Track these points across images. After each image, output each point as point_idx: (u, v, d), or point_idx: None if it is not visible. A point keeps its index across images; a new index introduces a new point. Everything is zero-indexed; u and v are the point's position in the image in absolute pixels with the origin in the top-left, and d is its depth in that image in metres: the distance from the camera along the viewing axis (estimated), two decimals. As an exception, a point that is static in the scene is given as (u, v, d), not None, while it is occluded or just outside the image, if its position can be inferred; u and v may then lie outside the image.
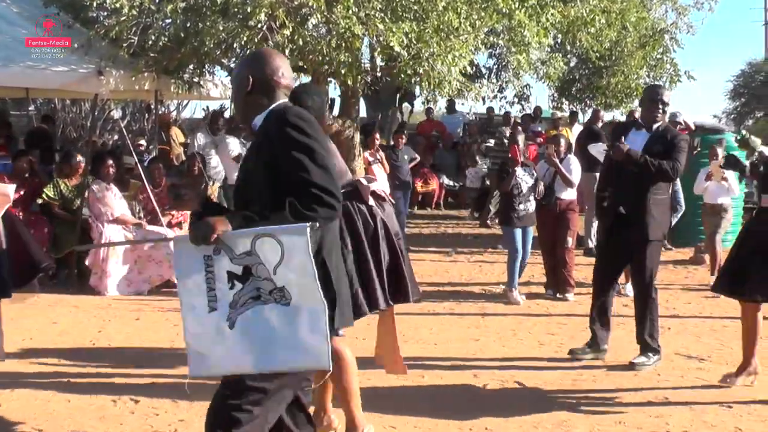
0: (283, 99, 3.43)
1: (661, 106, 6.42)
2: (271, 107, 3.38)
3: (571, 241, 8.97)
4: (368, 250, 4.47)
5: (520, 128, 12.56)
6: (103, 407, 5.38)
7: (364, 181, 4.65)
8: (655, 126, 6.43)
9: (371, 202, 4.60)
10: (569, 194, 9.02)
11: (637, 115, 8.87)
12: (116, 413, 5.29)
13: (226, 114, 14.46)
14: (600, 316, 6.71)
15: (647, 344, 6.45)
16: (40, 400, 5.48)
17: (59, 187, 9.55)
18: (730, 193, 10.25)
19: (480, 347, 7.06)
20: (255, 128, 3.41)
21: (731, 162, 6.65)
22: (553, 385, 6.01)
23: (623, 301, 8.30)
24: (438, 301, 8.79)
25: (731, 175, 9.89)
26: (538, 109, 19.56)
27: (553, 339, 7.29)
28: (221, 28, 9.04)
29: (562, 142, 9.30)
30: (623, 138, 6.43)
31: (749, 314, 5.91)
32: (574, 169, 9.07)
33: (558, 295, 8.94)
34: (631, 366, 6.40)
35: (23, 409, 5.32)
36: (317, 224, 3.06)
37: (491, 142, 16.05)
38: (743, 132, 6.45)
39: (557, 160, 8.95)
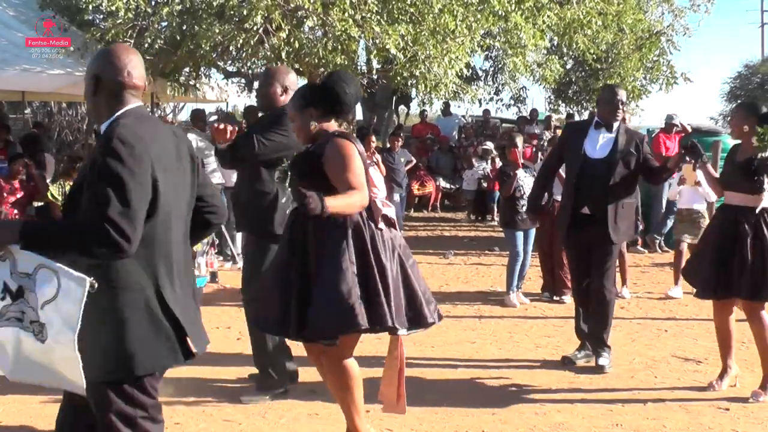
0: (133, 103, 3.11)
1: (621, 107, 6.37)
2: (117, 113, 3.06)
3: None
4: (375, 265, 4.26)
5: (517, 131, 12.57)
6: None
7: (379, 204, 4.50)
8: (615, 125, 6.37)
9: (382, 226, 4.43)
10: None
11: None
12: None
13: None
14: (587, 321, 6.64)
15: (605, 343, 6.47)
16: (35, 402, 5.46)
17: (64, 188, 9.63)
18: (707, 198, 9.17)
19: (476, 349, 7.06)
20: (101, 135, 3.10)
21: (693, 150, 5.95)
22: (549, 388, 6.01)
23: (619, 303, 8.30)
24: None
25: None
26: (534, 112, 19.59)
27: (550, 341, 7.28)
28: (217, 31, 9.06)
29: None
30: (584, 138, 6.37)
31: (723, 317, 5.87)
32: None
33: (555, 298, 8.94)
34: (600, 369, 6.36)
35: (19, 412, 5.31)
36: (95, 285, 2.82)
37: (488, 145, 16.05)
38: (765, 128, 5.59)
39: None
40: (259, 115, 6.34)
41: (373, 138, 12.57)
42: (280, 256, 4.46)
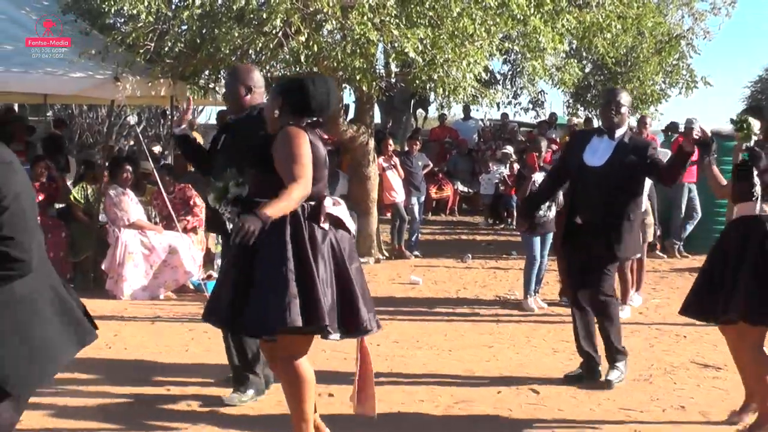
0: None
1: (614, 108, 6.04)
2: None
3: None
4: (312, 265, 4.22)
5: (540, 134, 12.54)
6: (115, 410, 5.41)
7: (328, 203, 4.40)
8: (618, 133, 6.04)
9: (326, 225, 4.34)
10: None
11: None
12: (130, 417, 5.31)
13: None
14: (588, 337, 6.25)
15: (618, 349, 6.14)
16: (52, 402, 5.50)
17: (86, 191, 9.69)
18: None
19: (494, 354, 7.05)
20: None
21: (704, 145, 5.43)
22: (567, 393, 5.99)
23: (637, 309, 8.27)
24: (452, 307, 8.78)
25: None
26: (553, 116, 19.55)
27: (568, 346, 7.25)
28: (236, 35, 9.09)
29: None
30: (586, 145, 6.12)
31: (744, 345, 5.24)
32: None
33: None
34: (607, 384, 6.05)
35: (34, 411, 5.35)
36: None
37: (508, 148, 16.04)
38: (740, 117, 5.15)
39: None
40: (229, 118, 6.17)
41: (391, 141, 12.60)
42: (229, 255, 4.56)
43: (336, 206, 4.44)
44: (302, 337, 4.39)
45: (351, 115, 12.97)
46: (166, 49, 9.75)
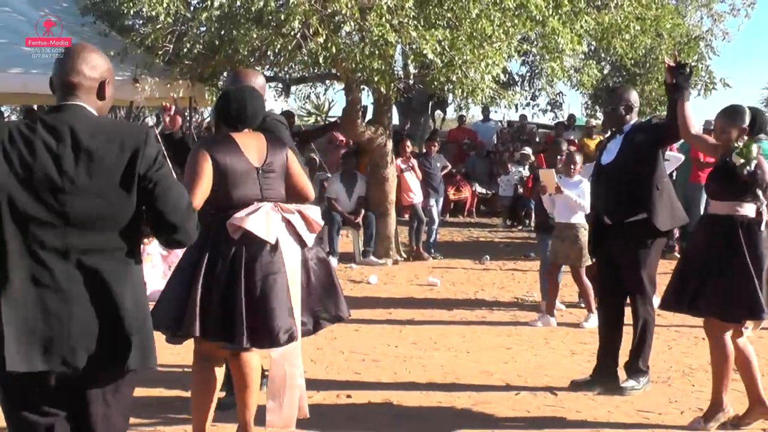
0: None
1: (612, 106, 6.05)
2: None
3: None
4: (202, 272, 4.34)
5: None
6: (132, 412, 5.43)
7: (237, 216, 4.35)
8: (626, 129, 6.03)
9: (235, 236, 4.33)
10: None
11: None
12: (147, 419, 5.33)
13: None
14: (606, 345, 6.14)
15: (639, 368, 6.03)
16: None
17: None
18: (581, 210, 7.92)
19: (512, 355, 7.03)
20: None
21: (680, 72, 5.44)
22: (585, 395, 5.96)
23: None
24: (470, 309, 8.77)
25: (578, 187, 8.04)
26: (571, 117, 19.48)
27: (586, 348, 7.22)
28: (255, 36, 9.12)
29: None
30: (603, 150, 6.14)
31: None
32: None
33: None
34: (620, 390, 5.94)
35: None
36: None
37: (527, 150, 16.01)
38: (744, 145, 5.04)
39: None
40: None
41: (409, 143, 12.59)
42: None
43: (252, 215, 4.36)
44: (203, 342, 4.51)
45: (369, 116, 12.99)
46: (185, 50, 9.81)
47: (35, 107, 14.69)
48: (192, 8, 9.80)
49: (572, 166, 8.25)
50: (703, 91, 16.94)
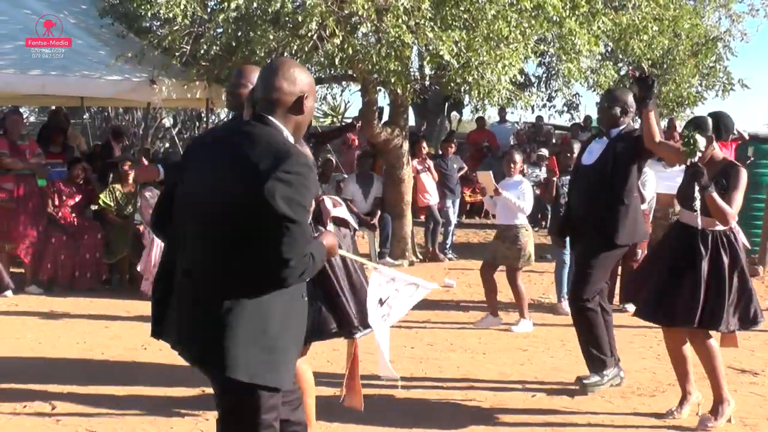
0: None
1: (607, 105, 6.04)
2: None
3: (640, 252, 8.28)
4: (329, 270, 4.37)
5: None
6: (152, 412, 5.46)
7: (328, 204, 4.46)
8: (614, 132, 5.99)
9: (330, 227, 4.41)
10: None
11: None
12: (165, 417, 5.35)
13: None
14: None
15: (592, 361, 6.06)
16: (90, 402, 5.56)
17: (114, 194, 9.75)
18: (520, 212, 8.01)
19: (528, 357, 7.02)
20: None
21: (643, 82, 5.49)
22: (602, 398, 5.94)
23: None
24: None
25: (518, 188, 8.06)
26: (588, 119, 19.41)
27: (603, 350, 7.20)
28: (272, 37, 9.14)
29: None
30: (586, 148, 6.19)
31: (674, 344, 5.57)
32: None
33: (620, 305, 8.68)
34: (580, 385, 6.00)
35: (74, 409, 5.41)
36: None
37: (543, 151, 15.97)
38: (687, 132, 5.09)
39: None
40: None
41: (425, 144, 12.58)
42: None
43: (337, 207, 4.51)
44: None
45: (385, 117, 12.99)
46: (202, 51, 9.84)
47: (53, 108, 14.79)
48: (209, 10, 9.84)
49: (512, 165, 8.25)
50: (721, 92, 16.85)
